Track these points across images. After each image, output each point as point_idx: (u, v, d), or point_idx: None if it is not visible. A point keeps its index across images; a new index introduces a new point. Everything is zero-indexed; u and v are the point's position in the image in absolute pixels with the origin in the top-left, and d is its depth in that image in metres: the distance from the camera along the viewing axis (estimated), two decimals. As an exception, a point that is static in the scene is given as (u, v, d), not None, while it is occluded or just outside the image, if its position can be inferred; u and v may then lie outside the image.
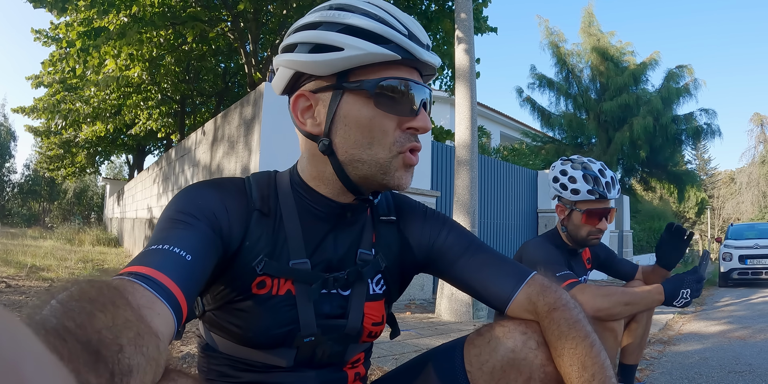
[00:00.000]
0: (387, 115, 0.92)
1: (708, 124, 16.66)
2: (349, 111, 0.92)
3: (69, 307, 0.50)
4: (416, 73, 0.96)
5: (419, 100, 0.94)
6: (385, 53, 0.88)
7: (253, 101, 5.24)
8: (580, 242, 2.28)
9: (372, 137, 0.92)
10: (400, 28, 0.91)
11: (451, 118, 16.62)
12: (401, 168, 0.94)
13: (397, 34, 0.89)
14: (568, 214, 2.27)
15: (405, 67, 0.94)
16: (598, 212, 2.20)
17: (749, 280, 11.72)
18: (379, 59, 0.89)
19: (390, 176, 0.94)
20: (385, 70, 0.92)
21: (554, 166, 2.36)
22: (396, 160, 0.93)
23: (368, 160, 0.93)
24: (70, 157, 22.85)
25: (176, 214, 0.88)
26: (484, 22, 9.48)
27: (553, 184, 2.33)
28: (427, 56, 0.92)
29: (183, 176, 7.95)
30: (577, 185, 2.21)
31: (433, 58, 0.94)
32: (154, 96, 13.56)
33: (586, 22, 18.29)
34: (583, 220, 2.21)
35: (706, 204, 40.05)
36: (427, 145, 7.08)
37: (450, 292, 4.94)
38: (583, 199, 2.20)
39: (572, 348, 0.92)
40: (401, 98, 0.92)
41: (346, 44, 0.88)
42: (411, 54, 0.90)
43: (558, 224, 2.37)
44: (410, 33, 0.92)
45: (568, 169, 2.27)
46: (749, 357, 3.91)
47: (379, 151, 0.93)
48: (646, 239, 17.61)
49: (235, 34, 9.92)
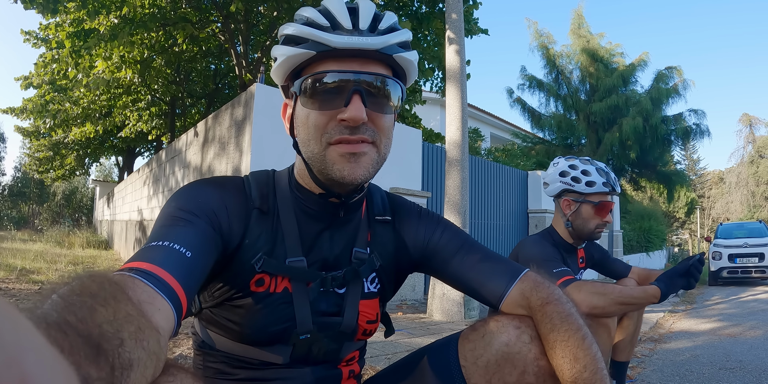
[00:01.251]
0: (318, 111, 0.92)
1: (697, 125, 16.78)
2: (298, 112, 0.97)
3: (70, 302, 0.50)
4: (357, 62, 0.92)
5: (350, 90, 0.90)
6: (299, 52, 0.91)
7: (244, 102, 5.23)
8: (586, 236, 2.31)
9: (309, 133, 0.94)
10: (321, 23, 0.91)
11: (441, 119, 16.63)
12: (339, 160, 0.92)
13: (312, 31, 0.90)
14: (576, 208, 2.29)
15: (337, 59, 0.92)
16: (608, 205, 2.26)
17: (739, 278, 11.82)
18: (300, 59, 0.92)
19: (331, 170, 0.93)
20: (317, 67, 0.93)
21: (557, 163, 2.38)
22: (328, 152, 0.92)
23: (312, 157, 0.95)
24: (60, 159, 22.65)
25: (177, 211, 0.88)
26: (475, 24, 9.48)
27: (562, 179, 2.32)
28: (343, 42, 0.88)
29: (174, 178, 7.91)
30: (592, 178, 2.25)
31: (359, 42, 0.89)
32: (144, 97, 13.48)
33: (576, 23, 18.37)
34: (595, 212, 2.25)
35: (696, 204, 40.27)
36: (418, 146, 7.09)
37: (441, 292, 4.94)
38: (599, 191, 2.24)
39: (564, 340, 0.94)
40: (328, 91, 0.91)
41: (278, 53, 0.95)
42: (325, 45, 0.89)
43: (557, 221, 2.38)
44: (334, 24, 0.91)
45: (578, 164, 2.31)
46: (740, 354, 3.95)
47: (314, 146, 0.93)
48: (636, 239, 17.66)
49: (225, 35, 9.88)
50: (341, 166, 0.92)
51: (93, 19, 7.86)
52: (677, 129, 16.70)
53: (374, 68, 0.93)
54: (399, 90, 0.96)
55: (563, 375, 0.93)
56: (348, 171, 0.92)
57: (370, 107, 0.92)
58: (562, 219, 2.34)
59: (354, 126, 0.91)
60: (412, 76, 1.02)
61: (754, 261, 11.61)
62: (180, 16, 9.26)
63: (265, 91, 5.05)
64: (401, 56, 0.95)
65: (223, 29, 9.89)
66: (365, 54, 0.91)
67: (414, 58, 0.98)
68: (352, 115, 0.89)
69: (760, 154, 39.62)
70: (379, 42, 0.90)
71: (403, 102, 1.00)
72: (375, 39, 0.90)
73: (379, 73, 0.93)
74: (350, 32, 0.90)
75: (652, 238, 18.64)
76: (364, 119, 0.90)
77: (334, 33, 0.89)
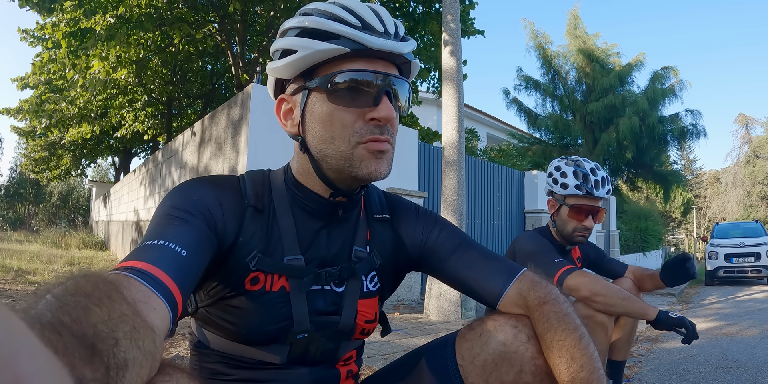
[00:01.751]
0: (345, 109, 0.93)
1: (693, 125, 16.84)
2: (313, 108, 0.96)
3: (64, 302, 0.50)
4: (381, 64, 0.95)
5: (380, 90, 0.93)
6: (332, 48, 0.90)
7: (240, 102, 5.23)
8: (567, 238, 2.32)
9: (333, 131, 0.93)
10: (352, 22, 0.91)
11: (438, 119, 16.63)
12: (367, 157, 0.93)
13: (346, 28, 0.90)
14: (557, 208, 2.33)
15: (365, 59, 0.94)
16: (585, 208, 2.25)
17: (735, 278, 11.86)
18: (330, 55, 0.91)
19: (357, 167, 0.93)
20: (343, 64, 0.93)
21: (551, 163, 2.42)
22: (357, 150, 0.93)
23: (333, 154, 0.94)
24: (56, 160, 22.58)
25: (171, 210, 0.88)
26: (471, 24, 9.49)
27: (547, 179, 2.40)
28: (380, 43, 0.91)
29: (170, 178, 7.90)
30: (566, 180, 2.27)
31: (393, 45, 0.92)
32: (140, 98, 13.46)
33: (572, 24, 18.41)
34: (569, 214, 2.27)
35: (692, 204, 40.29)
36: (415, 146, 7.09)
37: (438, 292, 4.94)
38: (571, 193, 2.26)
39: (561, 340, 0.94)
40: (358, 90, 0.92)
41: (298, 46, 0.93)
42: (361, 44, 0.90)
43: (549, 220, 2.42)
44: (365, 24, 0.92)
45: (562, 166, 2.34)
46: (736, 353, 3.96)
47: (340, 144, 0.93)
48: (632, 239, 17.69)
49: (222, 35, 9.88)
50: (368, 163, 0.93)
51: (89, 18, 7.84)
52: (673, 129, 16.75)
53: (394, 71, 0.97)
54: (408, 93, 1.00)
55: (560, 374, 0.94)
56: (375, 167, 0.93)
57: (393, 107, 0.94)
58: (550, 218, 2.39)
59: (383, 125, 0.93)
60: (411, 78, 1.05)
61: (751, 261, 11.65)
62: (177, 16, 9.25)
63: (262, 91, 5.05)
64: (415, 62, 1.00)
65: (220, 29, 9.88)
66: (390, 57, 0.95)
67: (418, 64, 1.02)
68: (385, 115, 0.92)
69: (756, 154, 39.69)
70: (405, 47, 0.94)
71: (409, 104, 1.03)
72: (404, 45, 0.94)
73: (401, 77, 0.97)
74: (382, 35, 0.92)
75: (648, 238, 18.67)
76: (394, 119, 0.94)
77: (366, 33, 0.90)
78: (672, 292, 9.03)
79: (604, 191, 2.27)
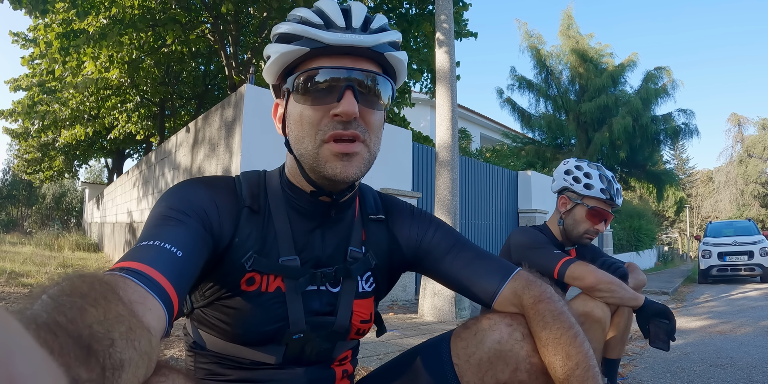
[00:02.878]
0: (311, 107, 0.93)
1: (686, 124, 16.94)
2: (290, 110, 0.97)
3: (60, 302, 0.50)
4: (349, 59, 0.93)
5: (343, 85, 0.91)
6: (294, 49, 0.92)
7: (234, 103, 5.22)
8: (573, 239, 2.32)
9: (303, 130, 0.94)
10: (314, 21, 0.92)
11: (431, 120, 16.65)
12: (331, 159, 0.92)
13: (307, 28, 0.91)
14: (571, 207, 2.31)
15: (331, 56, 0.93)
16: (602, 213, 2.26)
17: (728, 276, 11.92)
18: (294, 55, 0.93)
19: (323, 167, 0.92)
20: (310, 64, 0.94)
21: (567, 162, 2.41)
22: (322, 150, 0.92)
23: (305, 154, 0.94)
24: (48, 161, 22.49)
25: (167, 211, 0.88)
26: (464, 26, 9.52)
27: (564, 176, 2.35)
28: (337, 39, 0.90)
29: (163, 179, 7.87)
30: (592, 181, 2.26)
31: (352, 39, 0.90)
32: (132, 98, 13.41)
33: (565, 24, 18.49)
34: (586, 215, 2.26)
35: (685, 203, 40.56)
36: (408, 146, 7.10)
37: (433, 292, 4.95)
38: (595, 195, 2.25)
39: (556, 338, 0.95)
40: (322, 87, 0.92)
41: (271, 51, 0.96)
42: (319, 42, 0.90)
43: (552, 218, 2.41)
44: (327, 22, 0.92)
45: (584, 166, 2.33)
46: (730, 351, 3.98)
47: (308, 143, 0.93)
48: (626, 238, 17.77)
49: (215, 36, 9.86)
50: (333, 165, 0.92)
51: (82, 19, 7.82)
52: (666, 129, 16.85)
53: (365, 66, 0.94)
54: (389, 88, 0.97)
55: (555, 372, 0.94)
56: (340, 169, 0.92)
57: (362, 103, 0.92)
58: (557, 216, 2.37)
59: (346, 121, 0.91)
60: (402, 75, 1.03)
61: (744, 259, 11.71)
62: (169, 16, 9.23)
63: (255, 92, 5.04)
64: (392, 55, 0.96)
65: (213, 30, 9.86)
66: (357, 51, 0.93)
67: (404, 57, 0.99)
68: (345, 110, 0.89)
69: (749, 153, 39.95)
70: (370, 40, 0.92)
71: (393, 100, 1.01)
72: (367, 37, 0.91)
73: (370, 70, 0.94)
74: (343, 30, 0.91)
75: (642, 237, 18.76)
76: (356, 114, 0.91)
77: (328, 31, 0.90)
78: (666, 290, 9.06)
79: (620, 201, 2.29)
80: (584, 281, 2.00)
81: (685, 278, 13.80)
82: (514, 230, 2.36)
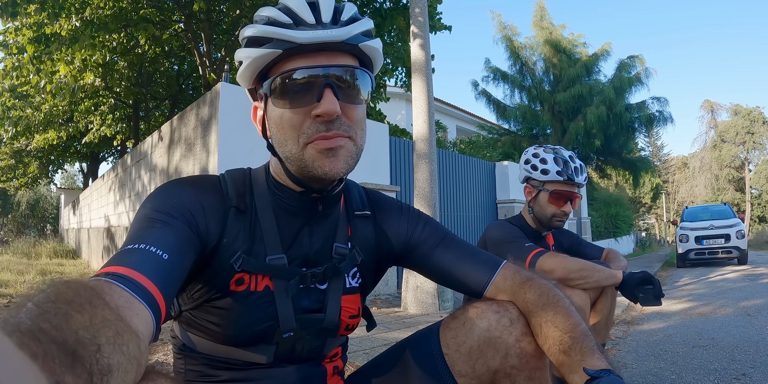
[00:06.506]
0: (291, 110, 0.91)
1: (660, 112, 17.16)
2: (270, 114, 0.96)
3: (45, 309, 0.49)
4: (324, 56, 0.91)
5: (321, 84, 0.89)
6: (266, 53, 0.90)
7: (209, 101, 5.18)
8: (545, 224, 2.36)
9: (285, 134, 0.92)
10: (283, 21, 0.90)
11: (407, 114, 16.64)
12: (318, 157, 0.90)
13: (276, 29, 0.88)
14: (535, 195, 2.35)
15: (305, 55, 0.90)
16: (564, 194, 2.29)
17: (706, 259, 12.12)
18: (267, 59, 0.91)
19: (311, 168, 0.91)
20: (284, 65, 0.92)
21: (527, 151, 2.45)
22: (307, 151, 0.91)
23: (289, 157, 0.93)
24: (23, 168, 22.09)
25: (152, 213, 0.87)
26: (438, 20, 9.54)
27: (524, 166, 2.40)
28: (308, 37, 0.87)
29: (140, 182, 7.78)
30: (547, 166, 2.30)
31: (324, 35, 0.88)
32: (106, 101, 13.22)
33: (538, 15, 18.61)
34: (549, 199, 2.30)
35: (661, 189, 41.15)
36: (386, 140, 7.10)
37: (415, 285, 4.97)
38: (552, 179, 2.29)
39: (549, 319, 0.97)
40: (299, 88, 0.90)
41: (243, 57, 0.94)
42: (291, 42, 0.88)
43: (525, 207, 2.45)
44: (296, 20, 0.89)
45: (540, 152, 2.37)
46: (711, 332, 4.06)
47: (292, 146, 0.92)
48: (604, 225, 18.00)
49: (188, 35, 9.74)
50: (321, 163, 0.90)
51: (54, 22, 7.66)
52: (641, 116, 17.04)
53: (341, 60, 0.92)
54: (368, 80, 0.96)
55: (551, 352, 0.97)
56: (329, 167, 0.90)
57: (343, 99, 0.90)
58: (527, 205, 2.42)
59: (329, 120, 0.89)
60: (378, 63, 1.01)
61: (721, 242, 11.89)
62: (142, 16, 9.10)
63: (230, 90, 5.00)
64: (367, 45, 0.94)
65: (186, 29, 9.74)
66: (331, 47, 0.90)
67: (378, 45, 0.96)
68: (326, 109, 0.87)
69: (722, 139, 40.58)
70: (343, 33, 0.89)
71: (372, 91, 0.99)
72: (339, 30, 0.89)
73: (348, 65, 0.92)
74: (313, 27, 0.89)
75: (619, 224, 19.01)
76: (338, 112, 0.89)
77: (298, 29, 0.88)
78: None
79: (582, 178, 2.32)
80: (554, 274, 2.03)
81: (663, 263, 14.00)
82: (489, 225, 2.39)
